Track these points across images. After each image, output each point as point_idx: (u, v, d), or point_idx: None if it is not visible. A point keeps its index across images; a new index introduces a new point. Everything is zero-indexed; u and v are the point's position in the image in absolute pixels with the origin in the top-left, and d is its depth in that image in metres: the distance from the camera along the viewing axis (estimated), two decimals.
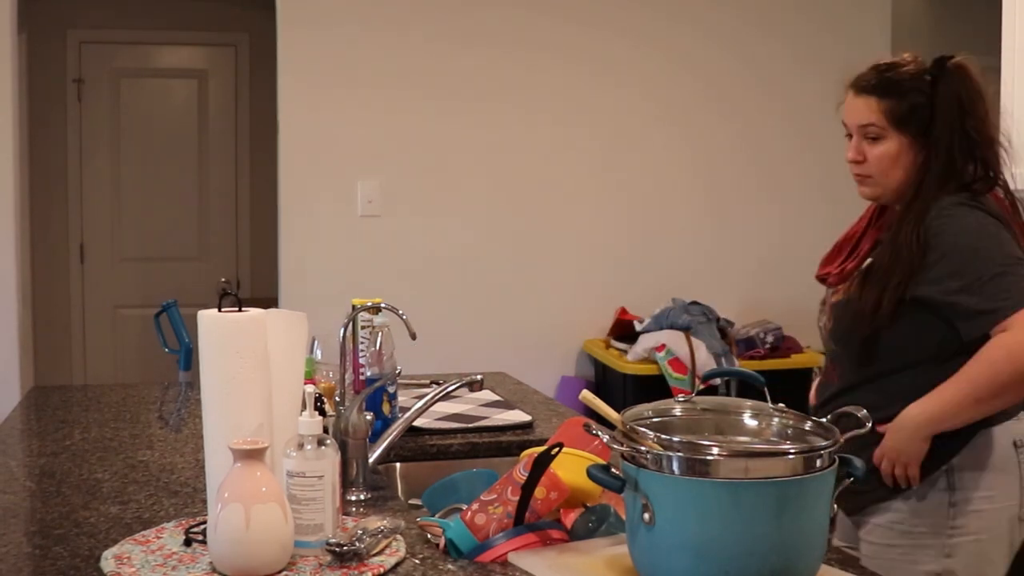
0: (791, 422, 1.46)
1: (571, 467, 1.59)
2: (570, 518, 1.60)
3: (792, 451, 1.37)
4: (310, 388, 1.59)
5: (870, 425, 1.50)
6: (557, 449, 1.55)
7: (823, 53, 4.88)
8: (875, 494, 2.00)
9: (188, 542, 1.54)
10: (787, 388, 1.96)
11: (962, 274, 1.90)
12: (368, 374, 2.16)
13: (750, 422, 1.48)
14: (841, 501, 1.86)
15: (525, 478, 1.52)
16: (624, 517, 1.58)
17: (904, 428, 1.93)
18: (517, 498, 1.52)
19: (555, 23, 4.65)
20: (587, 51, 4.69)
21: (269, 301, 3.52)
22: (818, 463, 1.36)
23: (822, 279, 2.20)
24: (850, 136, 2.09)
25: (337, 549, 1.45)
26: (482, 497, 1.55)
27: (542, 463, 1.53)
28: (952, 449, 1.96)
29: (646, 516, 1.32)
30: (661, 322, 4.34)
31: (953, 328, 1.93)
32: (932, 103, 2.00)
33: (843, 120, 2.11)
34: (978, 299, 1.88)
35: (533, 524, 1.52)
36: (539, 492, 1.53)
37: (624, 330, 4.52)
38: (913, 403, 1.94)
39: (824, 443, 1.38)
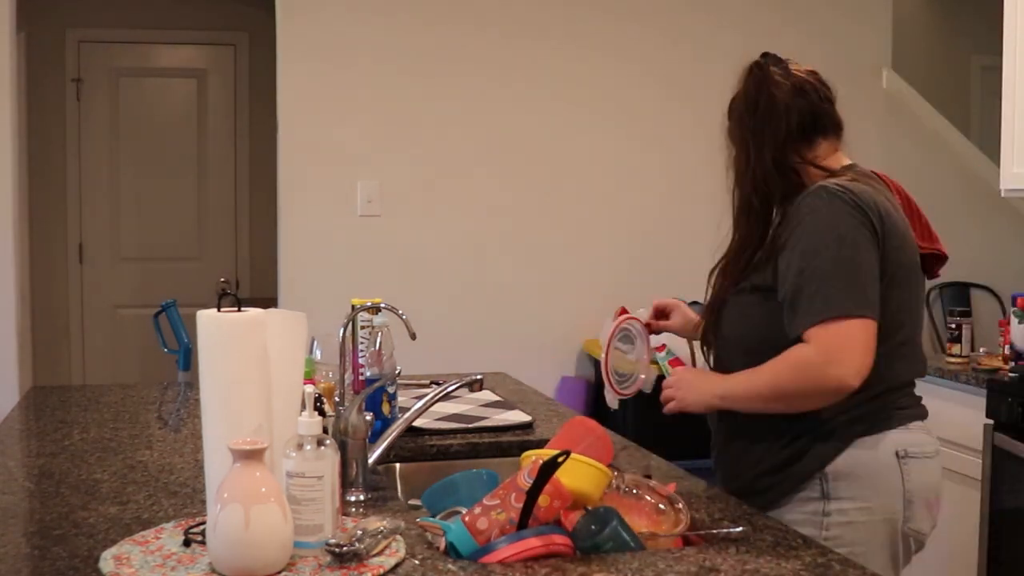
0: None
1: (573, 472, 1.58)
2: (571, 519, 1.59)
3: None
4: (310, 388, 1.59)
5: None
6: (564, 457, 1.54)
7: (824, 53, 4.88)
8: (774, 493, 1.92)
9: (187, 542, 1.54)
10: None
11: (795, 269, 1.84)
12: (368, 374, 2.16)
13: None
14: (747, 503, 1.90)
15: (530, 485, 1.52)
16: (626, 521, 1.57)
17: (703, 389, 1.98)
18: (521, 504, 1.51)
19: (560, 21, 4.65)
20: (590, 49, 4.69)
21: (268, 301, 3.52)
22: None
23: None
24: None
25: (337, 550, 1.45)
26: (485, 501, 1.54)
27: (547, 471, 1.52)
28: (825, 456, 1.88)
29: None
30: None
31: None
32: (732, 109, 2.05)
33: None
34: (797, 300, 1.83)
35: (535, 529, 1.51)
36: (542, 500, 1.52)
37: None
38: (725, 376, 1.95)
39: None
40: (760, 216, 1.96)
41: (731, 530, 1.61)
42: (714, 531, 1.62)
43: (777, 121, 1.95)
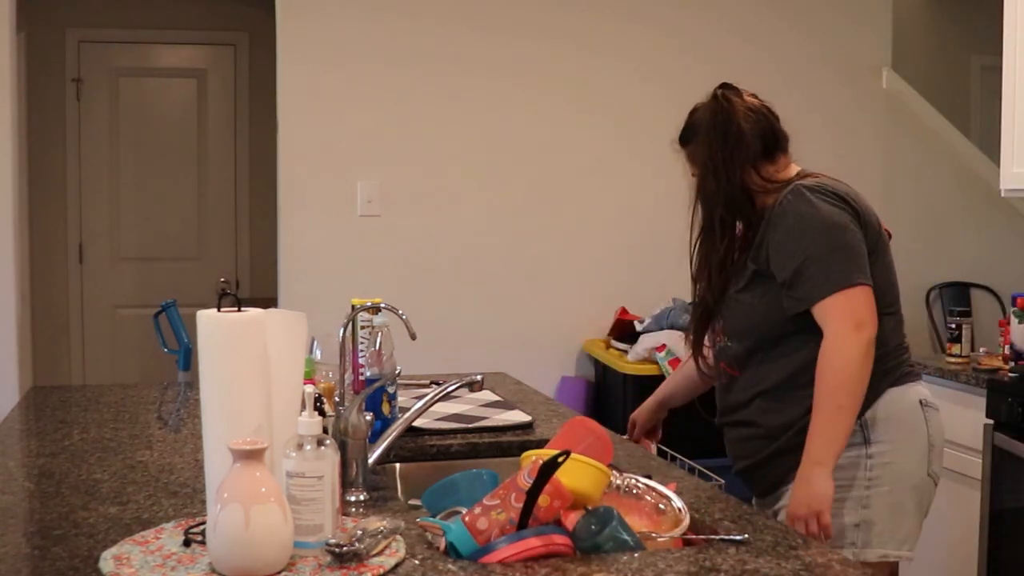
0: None
1: (573, 472, 1.58)
2: (570, 519, 1.59)
3: None
4: (310, 388, 1.59)
5: None
6: (564, 457, 1.54)
7: (824, 53, 4.88)
8: (788, 463, 2.09)
9: (187, 542, 1.54)
10: None
11: (792, 254, 2.08)
12: (368, 374, 2.16)
13: None
14: (755, 484, 2.23)
15: (530, 485, 1.52)
16: (626, 521, 1.57)
17: (810, 480, 2.01)
18: (521, 504, 1.51)
19: (558, 21, 4.65)
20: (589, 48, 4.68)
21: (269, 301, 3.53)
22: None
23: None
24: None
25: (337, 550, 1.45)
26: (485, 501, 1.54)
27: (548, 471, 1.52)
28: (865, 405, 2.08)
29: None
30: (661, 322, 4.33)
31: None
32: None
33: None
34: (800, 281, 2.06)
35: (535, 529, 1.51)
36: (542, 500, 1.52)
37: (624, 330, 4.52)
38: (804, 460, 2.04)
39: None
40: (729, 229, 2.20)
41: (732, 537, 1.61)
42: (714, 537, 1.62)
43: (745, 148, 2.17)
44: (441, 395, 2.04)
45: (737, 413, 2.23)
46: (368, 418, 1.88)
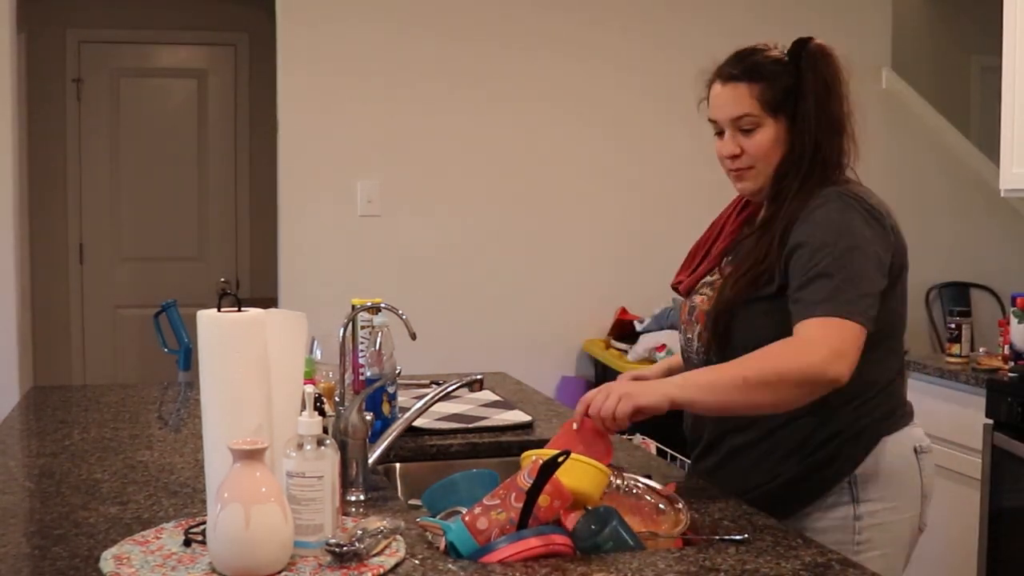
0: None
1: (573, 472, 1.58)
2: (570, 519, 1.59)
3: None
4: (310, 388, 1.59)
5: None
6: (564, 457, 1.54)
7: None
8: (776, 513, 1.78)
9: (187, 542, 1.54)
10: None
11: (807, 265, 1.77)
12: (368, 374, 2.16)
13: None
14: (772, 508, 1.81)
15: (530, 484, 1.52)
16: (626, 521, 1.58)
17: (659, 390, 1.75)
18: (521, 504, 1.51)
19: (556, 20, 4.65)
20: (589, 49, 4.69)
21: (269, 301, 3.53)
22: None
23: (675, 287, 2.12)
24: (720, 133, 1.97)
25: (337, 549, 1.45)
26: (485, 501, 1.55)
27: (548, 471, 1.52)
28: (857, 457, 1.85)
29: None
30: (661, 322, 4.34)
31: None
32: (799, 85, 1.90)
33: (710, 117, 1.99)
34: (806, 292, 1.76)
35: (535, 529, 1.51)
36: (542, 500, 1.52)
37: (624, 330, 4.52)
38: (687, 373, 1.82)
39: None
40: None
41: (732, 537, 1.61)
42: (714, 537, 1.62)
43: (848, 115, 1.94)
44: (441, 395, 2.04)
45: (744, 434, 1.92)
46: (368, 418, 1.88)
